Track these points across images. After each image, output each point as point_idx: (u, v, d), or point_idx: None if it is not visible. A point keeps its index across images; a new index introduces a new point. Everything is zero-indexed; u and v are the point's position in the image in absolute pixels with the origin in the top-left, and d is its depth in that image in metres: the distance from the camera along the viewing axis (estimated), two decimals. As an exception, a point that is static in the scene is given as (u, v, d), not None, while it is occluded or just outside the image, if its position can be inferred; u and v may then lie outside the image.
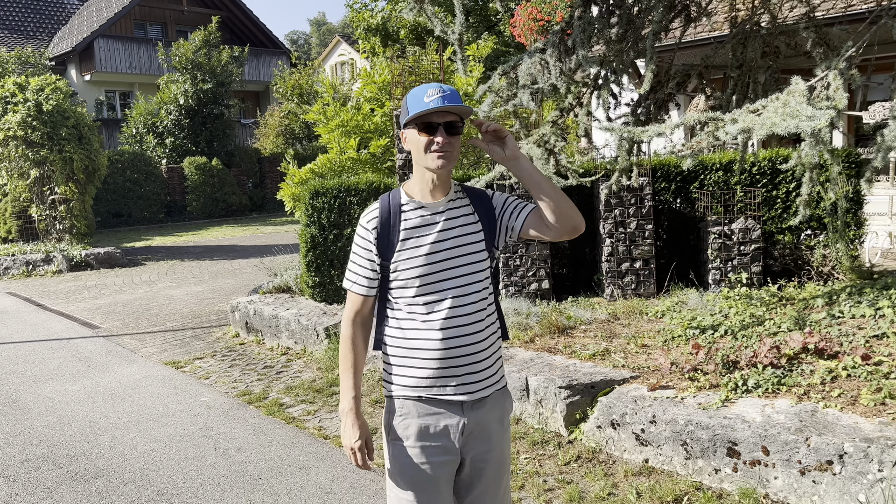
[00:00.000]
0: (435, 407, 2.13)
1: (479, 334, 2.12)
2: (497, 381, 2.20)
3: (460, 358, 2.10)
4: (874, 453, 3.17)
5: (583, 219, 2.07)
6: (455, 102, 2.01)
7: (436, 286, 2.09)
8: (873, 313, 4.60)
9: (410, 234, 2.09)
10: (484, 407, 2.16)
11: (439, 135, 2.00)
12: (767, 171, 6.75)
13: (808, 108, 3.05)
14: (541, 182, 2.02)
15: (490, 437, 2.17)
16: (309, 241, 6.97)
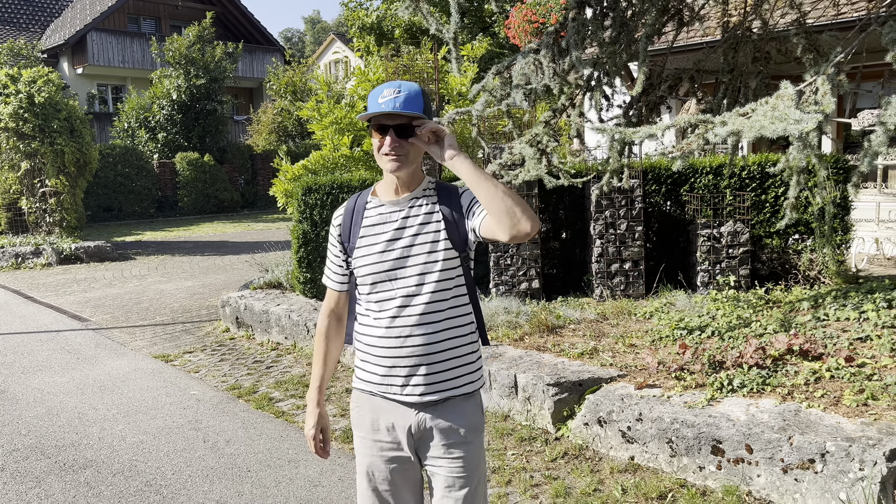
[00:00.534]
0: (385, 403, 2.13)
1: (432, 335, 2.04)
2: (457, 386, 2.09)
3: (406, 358, 2.06)
4: (855, 452, 3.23)
5: (530, 220, 1.88)
6: (408, 105, 1.96)
7: (387, 284, 2.07)
8: (857, 316, 4.67)
9: (368, 231, 2.10)
10: (437, 411, 2.09)
11: (389, 137, 1.98)
12: (757, 176, 6.82)
13: (797, 112, 3.11)
14: (478, 181, 1.90)
15: (444, 443, 2.09)
16: (301, 237, 6.99)
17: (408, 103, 1.97)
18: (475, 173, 1.91)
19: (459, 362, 2.10)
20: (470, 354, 2.13)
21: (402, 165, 2.01)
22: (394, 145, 1.98)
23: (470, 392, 2.12)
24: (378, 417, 2.14)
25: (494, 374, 4.71)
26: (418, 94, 2.00)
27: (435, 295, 2.05)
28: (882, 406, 3.65)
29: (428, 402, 2.08)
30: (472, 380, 2.13)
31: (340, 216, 2.19)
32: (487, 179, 1.91)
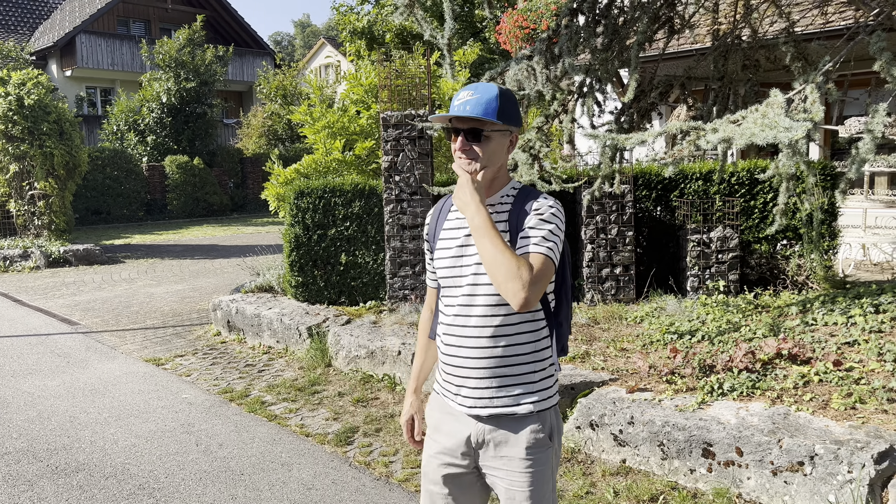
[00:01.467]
0: (447, 406, 2.13)
1: (482, 350, 2.00)
2: (503, 406, 2.01)
3: (457, 368, 2.05)
4: (844, 455, 3.27)
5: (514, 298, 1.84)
6: (477, 110, 1.94)
7: (452, 290, 2.07)
8: (845, 321, 4.73)
9: (446, 234, 2.11)
10: (489, 428, 2.04)
11: (460, 140, 1.98)
12: (746, 182, 6.90)
13: (786, 120, 3.16)
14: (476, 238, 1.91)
15: (503, 456, 2.04)
16: (293, 240, 6.99)
17: (478, 107, 1.94)
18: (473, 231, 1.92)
19: (519, 380, 2.02)
20: (533, 374, 2.04)
21: (472, 171, 1.99)
22: (464, 148, 1.98)
23: (525, 413, 2.02)
24: (441, 419, 2.14)
25: (487, 377, 4.73)
26: (494, 98, 1.97)
27: (491, 309, 2.00)
28: (870, 409, 3.70)
29: (478, 416, 2.04)
30: (532, 399, 2.03)
31: (429, 216, 2.24)
32: (483, 238, 1.89)
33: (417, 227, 6.60)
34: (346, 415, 5.02)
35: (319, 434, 4.70)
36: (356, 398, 5.27)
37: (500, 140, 2.01)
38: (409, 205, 6.58)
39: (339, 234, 6.96)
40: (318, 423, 4.90)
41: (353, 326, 6.14)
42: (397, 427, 4.72)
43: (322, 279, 7.07)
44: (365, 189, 6.92)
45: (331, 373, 5.92)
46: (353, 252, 7.00)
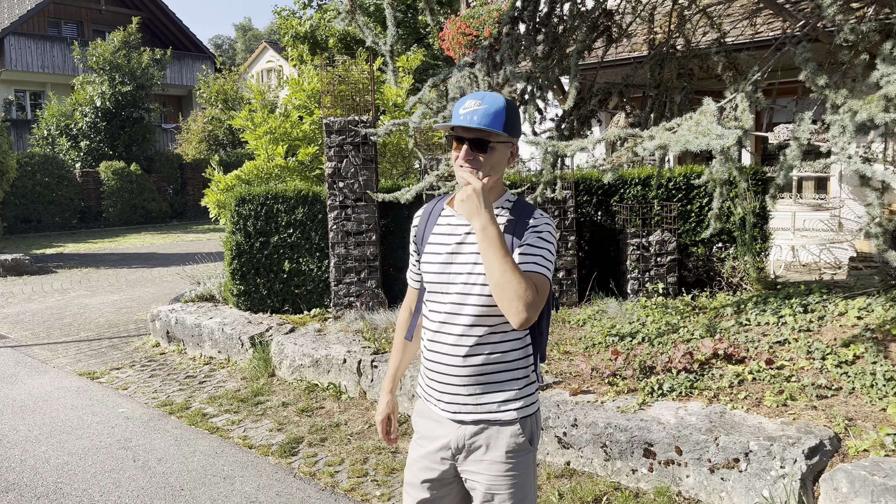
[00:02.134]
0: (429, 411, 2.15)
1: (468, 357, 2.02)
2: (487, 412, 2.04)
3: (441, 374, 2.07)
4: (777, 451, 3.39)
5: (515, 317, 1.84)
6: (485, 120, 1.93)
7: (440, 295, 2.07)
8: (776, 321, 4.90)
9: (435, 238, 2.11)
10: (470, 433, 2.07)
11: (464, 149, 1.96)
12: (682, 187, 7.09)
13: (718, 128, 3.26)
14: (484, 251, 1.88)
15: (484, 460, 2.06)
16: (234, 248, 6.86)
17: (485, 118, 1.93)
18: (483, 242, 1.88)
19: (501, 388, 2.05)
20: (515, 381, 2.06)
21: (486, 181, 1.97)
22: (468, 158, 1.96)
23: (509, 420, 2.05)
24: (425, 424, 2.16)
25: (432, 383, 4.74)
26: (501, 109, 1.96)
27: (478, 318, 2.02)
28: (800, 406, 3.85)
29: (461, 422, 2.06)
30: (514, 407, 2.05)
31: (419, 217, 2.22)
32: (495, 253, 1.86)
33: (362, 234, 6.56)
34: (291, 425, 4.94)
35: (263, 445, 4.62)
36: (301, 408, 5.20)
37: (503, 151, 2.00)
38: (353, 211, 6.53)
39: (282, 241, 6.86)
40: (261, 435, 4.81)
41: (298, 335, 6.06)
42: (343, 436, 4.68)
43: (265, 287, 6.96)
44: (308, 195, 6.85)
45: (274, 382, 5.83)
46: (296, 259, 6.91)
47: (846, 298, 4.98)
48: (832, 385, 4.01)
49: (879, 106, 3.34)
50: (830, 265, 9.29)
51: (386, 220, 6.92)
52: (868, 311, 4.67)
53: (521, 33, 4.70)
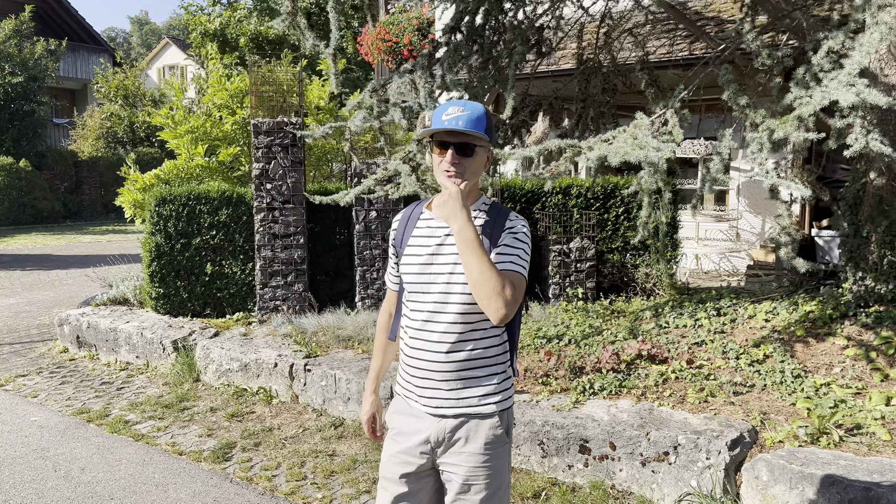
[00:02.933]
0: (409, 407, 2.21)
1: (448, 354, 2.10)
2: (468, 406, 2.13)
3: (423, 371, 2.14)
4: (703, 444, 3.64)
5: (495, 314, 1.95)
6: (470, 125, 2.03)
7: (421, 295, 2.14)
8: (693, 324, 5.23)
9: (415, 241, 2.18)
10: (451, 427, 2.14)
11: (449, 153, 2.04)
12: (600, 196, 7.41)
13: (655, 142, 3.49)
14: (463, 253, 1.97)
15: (462, 452, 2.14)
16: (154, 250, 6.63)
17: (470, 123, 2.03)
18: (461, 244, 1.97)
19: (480, 383, 2.14)
20: (493, 377, 2.15)
21: (464, 184, 2.05)
22: (453, 162, 2.04)
23: (489, 413, 2.14)
24: (403, 420, 2.22)
25: (369, 386, 4.76)
26: (482, 115, 2.06)
27: (460, 316, 2.09)
28: (719, 402, 4.14)
29: (442, 416, 2.14)
30: (493, 401, 2.14)
31: (397, 221, 2.29)
32: (472, 253, 1.95)
33: (290, 237, 6.49)
34: (221, 430, 4.84)
35: (194, 451, 4.50)
36: (230, 413, 5.10)
37: (482, 155, 2.12)
38: (281, 213, 6.46)
39: (204, 243, 6.69)
40: (191, 441, 4.69)
41: (224, 339, 5.92)
42: (277, 441, 4.63)
43: (185, 290, 6.75)
44: (233, 196, 6.71)
45: (200, 388, 5.67)
46: (219, 262, 6.75)
47: (754, 303, 5.37)
48: (747, 382, 4.33)
49: (793, 125, 3.66)
50: (729, 272, 9.92)
51: (312, 224, 6.87)
52: (774, 314, 5.06)
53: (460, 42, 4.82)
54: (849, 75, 3.30)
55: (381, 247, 6.65)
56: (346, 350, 5.54)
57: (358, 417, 4.84)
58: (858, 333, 4.57)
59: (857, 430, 3.70)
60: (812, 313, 4.88)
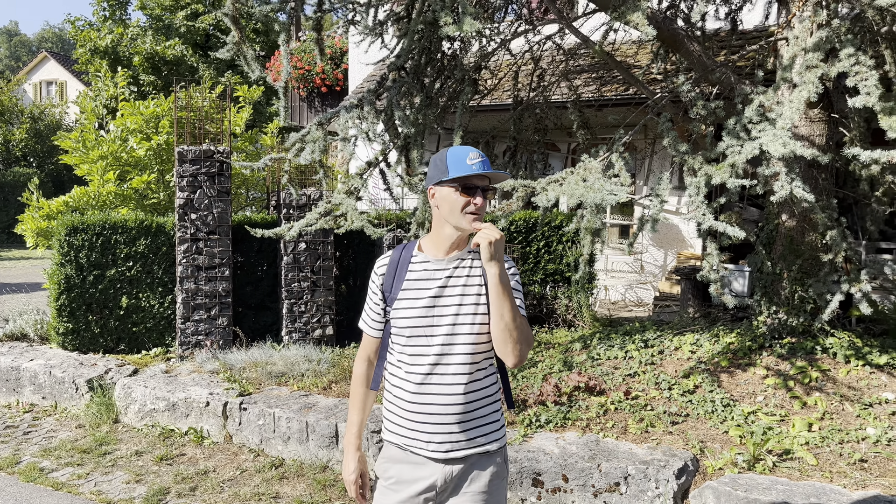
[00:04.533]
0: (411, 457, 2.19)
1: (460, 396, 2.12)
2: (478, 446, 2.16)
3: (433, 416, 2.13)
4: (651, 473, 3.80)
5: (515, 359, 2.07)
6: (491, 169, 2.15)
7: (424, 340, 2.13)
8: (624, 355, 5.46)
9: (411, 285, 2.16)
10: (459, 466, 2.16)
11: (478, 197, 2.08)
12: (523, 230, 7.63)
13: (610, 185, 3.66)
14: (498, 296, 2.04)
15: (467, 491, 2.17)
16: (63, 282, 6.21)
17: (488, 166, 2.14)
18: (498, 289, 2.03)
19: (485, 421, 2.17)
20: (494, 413, 2.21)
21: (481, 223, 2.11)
22: (482, 205, 2.09)
23: (494, 450, 2.19)
24: (402, 469, 2.19)
25: (312, 425, 4.65)
26: (483, 157, 2.16)
27: (468, 357, 2.12)
28: (659, 432, 4.33)
29: (451, 458, 2.15)
30: (497, 437, 2.20)
31: (385, 266, 2.23)
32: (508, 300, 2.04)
33: (215, 268, 6.26)
34: (151, 475, 4.57)
35: (123, 499, 4.23)
36: (159, 456, 4.82)
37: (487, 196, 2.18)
38: (206, 244, 6.22)
39: (119, 274, 6.33)
40: (118, 488, 4.40)
41: (145, 377, 5.60)
42: (214, 484, 4.42)
43: (97, 325, 6.35)
44: (152, 226, 6.40)
45: (120, 430, 5.34)
46: (136, 294, 6.40)
47: (677, 334, 5.68)
48: (681, 412, 4.56)
49: (728, 172, 3.95)
50: (635, 303, 10.42)
51: (235, 255, 6.66)
52: (698, 345, 5.37)
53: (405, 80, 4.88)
54: (782, 129, 3.60)
55: (310, 279, 6.54)
56: (281, 387, 5.38)
57: (299, 457, 4.70)
58: (776, 363, 4.93)
59: (786, 456, 3.98)
60: (732, 345, 5.22)
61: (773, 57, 5.10)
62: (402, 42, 4.88)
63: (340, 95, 13.39)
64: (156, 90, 20.03)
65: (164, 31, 21.96)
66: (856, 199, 5.67)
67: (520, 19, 6.11)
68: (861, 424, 4.25)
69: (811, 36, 3.95)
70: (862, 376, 4.69)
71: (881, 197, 5.03)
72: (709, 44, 5.90)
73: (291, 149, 4.91)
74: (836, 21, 3.87)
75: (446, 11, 3.87)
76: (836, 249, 4.55)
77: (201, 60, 22.02)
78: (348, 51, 12.80)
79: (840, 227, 4.50)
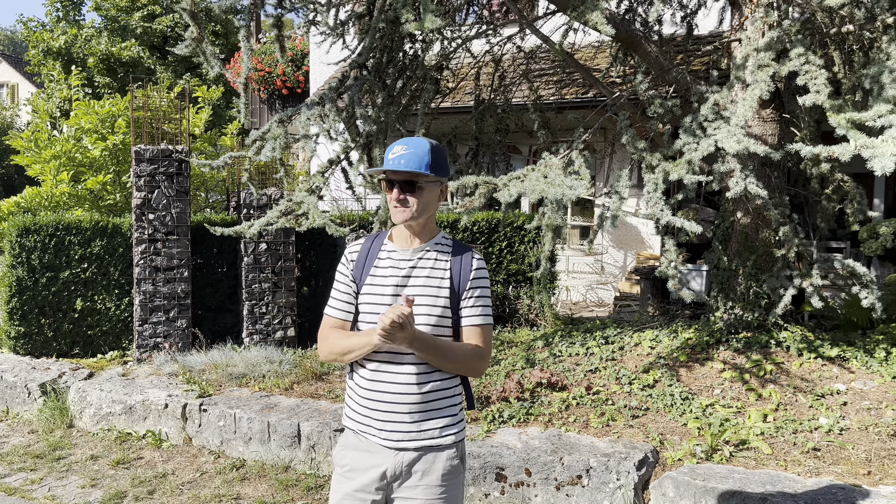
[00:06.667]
0: (364, 443, 2.19)
1: (413, 386, 2.12)
2: (429, 438, 2.16)
3: (383, 404, 2.14)
4: (612, 465, 3.85)
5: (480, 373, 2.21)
6: (411, 164, 2.08)
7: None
8: (585, 352, 5.52)
9: (377, 272, 2.19)
10: (409, 459, 2.16)
11: (395, 191, 2.11)
12: (486, 230, 7.67)
13: (570, 181, 3.71)
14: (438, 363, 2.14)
15: (419, 485, 2.16)
16: (14, 284, 6.04)
17: (412, 161, 2.08)
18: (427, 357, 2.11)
19: (440, 415, 2.18)
20: (451, 408, 2.21)
21: (409, 217, 2.12)
22: (399, 198, 2.11)
23: (446, 445, 2.18)
24: (357, 457, 2.19)
25: (274, 425, 4.60)
26: (425, 152, 2.11)
27: None
28: (620, 425, 4.39)
29: (401, 449, 2.15)
30: (451, 432, 2.19)
31: (356, 252, 2.25)
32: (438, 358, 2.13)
33: (174, 270, 6.16)
34: (107, 479, 4.47)
35: (80, 505, 4.13)
36: (115, 460, 4.72)
37: (432, 190, 2.16)
38: (164, 245, 6.12)
39: (74, 276, 6.18)
40: (72, 493, 4.29)
41: (102, 380, 5.48)
42: (173, 487, 4.34)
43: (51, 328, 6.19)
44: (108, 227, 6.27)
45: (74, 434, 5.21)
46: (91, 297, 6.26)
47: (637, 331, 5.76)
48: (641, 406, 4.63)
49: (685, 168, 4.03)
50: (596, 303, 10.54)
51: (194, 256, 6.55)
52: (657, 341, 5.45)
53: (367, 77, 4.88)
54: (736, 126, 3.70)
55: (272, 280, 6.47)
56: (241, 388, 5.31)
57: (261, 458, 4.65)
58: (732, 358, 5.04)
59: (742, 446, 4.07)
60: (690, 340, 5.32)
61: (727, 58, 5.23)
62: (364, 41, 4.88)
63: (301, 98, 13.31)
64: (111, 92, 19.63)
65: (119, 32, 21.54)
66: (807, 199, 5.84)
67: (480, 21, 6.17)
68: (814, 415, 4.36)
69: (763, 36, 4.06)
70: (814, 368, 4.82)
71: (831, 195, 5.19)
72: (665, 48, 6.02)
73: (252, 146, 4.86)
74: (786, 22, 3.99)
75: (407, 9, 3.89)
76: (789, 245, 4.68)
77: (159, 62, 21.65)
78: (309, 53, 12.74)
79: (792, 224, 4.63)
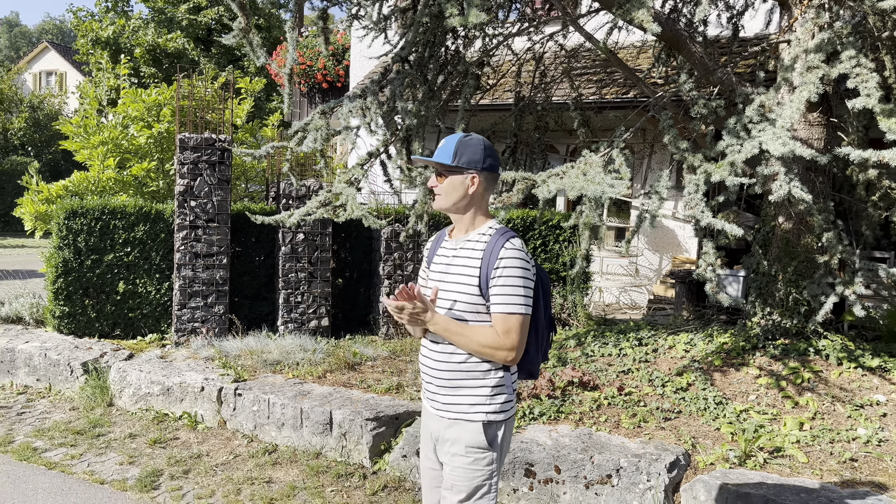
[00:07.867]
0: (426, 406, 2.51)
1: (443, 363, 2.35)
2: (459, 413, 2.33)
3: (429, 376, 2.43)
4: (643, 467, 3.83)
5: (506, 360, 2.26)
6: (438, 155, 2.34)
7: (435, 305, 2.39)
8: (618, 353, 5.49)
9: (438, 259, 2.47)
10: (444, 426, 2.39)
11: (432, 177, 2.39)
12: (520, 229, 7.66)
13: (609, 178, 3.70)
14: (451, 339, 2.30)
15: (448, 451, 2.38)
16: (60, 265, 6.21)
17: (440, 152, 2.35)
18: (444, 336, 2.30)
19: (471, 393, 2.33)
20: (481, 389, 2.32)
21: (437, 205, 2.39)
22: (432, 185, 2.39)
23: (471, 420, 2.32)
24: (424, 416, 2.53)
25: (307, 411, 4.66)
26: (454, 144, 2.34)
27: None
28: (651, 427, 4.36)
29: (435, 416, 2.41)
30: (476, 411, 2.32)
31: (432, 241, 2.59)
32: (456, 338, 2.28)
33: (213, 256, 6.27)
34: (144, 457, 4.58)
35: (117, 480, 4.24)
36: (152, 439, 4.83)
37: (452, 180, 2.35)
38: (204, 232, 6.24)
39: (117, 259, 6.34)
40: (111, 469, 4.41)
41: (141, 361, 5.61)
42: (208, 468, 4.43)
43: (94, 309, 6.35)
44: (151, 212, 6.42)
45: (114, 413, 5.34)
46: (133, 280, 6.41)
47: (671, 334, 5.71)
48: (674, 409, 4.60)
49: (727, 170, 3.98)
50: (629, 306, 10.46)
51: (233, 245, 6.67)
52: (692, 345, 5.40)
53: (408, 71, 4.91)
54: (781, 128, 3.64)
55: (308, 270, 6.55)
56: (275, 375, 5.40)
57: (293, 444, 4.72)
58: (768, 364, 4.97)
59: (777, 453, 4.02)
60: (726, 344, 5.26)
61: (774, 59, 5.15)
62: (407, 34, 4.91)
63: (341, 92, 13.42)
64: (156, 82, 20.02)
65: (166, 23, 21.96)
66: (851, 206, 5.72)
67: (522, 19, 6.16)
68: (852, 425, 4.29)
69: (813, 38, 3.99)
70: (853, 378, 4.73)
71: (877, 202, 5.08)
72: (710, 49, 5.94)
73: (294, 137, 4.93)
74: (837, 24, 3.92)
75: (452, 3, 3.90)
76: (832, 252, 4.59)
77: (203, 54, 22.02)
78: (350, 47, 12.84)
79: (836, 230, 4.54)
